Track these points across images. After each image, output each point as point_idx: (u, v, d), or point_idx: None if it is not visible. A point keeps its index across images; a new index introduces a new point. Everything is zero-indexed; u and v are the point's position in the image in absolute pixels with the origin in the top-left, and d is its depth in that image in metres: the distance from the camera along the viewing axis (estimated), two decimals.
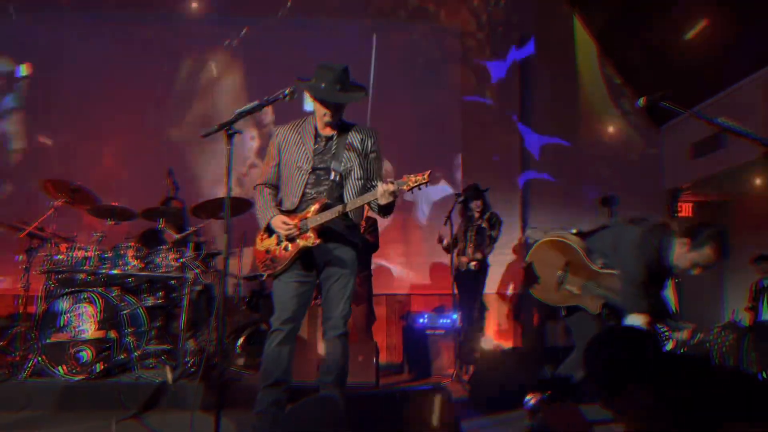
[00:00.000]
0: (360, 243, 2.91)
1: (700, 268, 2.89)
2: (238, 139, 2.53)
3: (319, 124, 2.87)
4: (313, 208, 2.72)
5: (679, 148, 6.63)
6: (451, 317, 5.24)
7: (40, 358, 3.74)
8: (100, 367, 3.74)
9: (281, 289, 2.78)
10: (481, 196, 5.46)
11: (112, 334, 3.82)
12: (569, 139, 6.90)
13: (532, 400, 3.11)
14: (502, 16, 7.03)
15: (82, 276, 4.17)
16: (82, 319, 3.85)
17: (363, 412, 2.36)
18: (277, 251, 2.79)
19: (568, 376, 3.26)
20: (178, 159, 6.22)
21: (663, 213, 6.86)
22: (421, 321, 5.33)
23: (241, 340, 4.48)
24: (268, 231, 2.84)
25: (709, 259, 2.85)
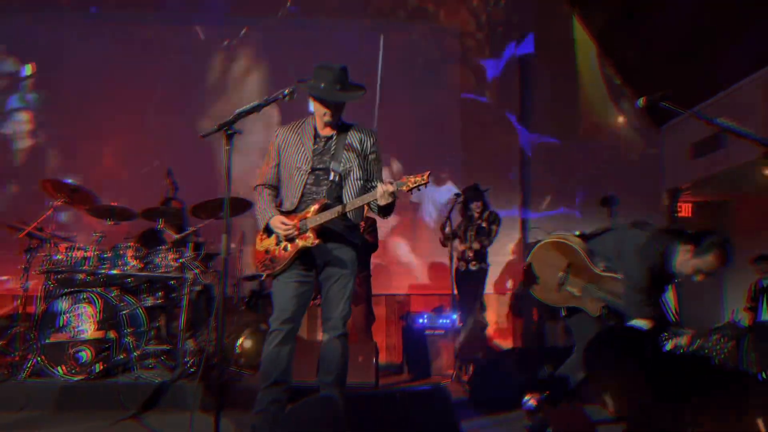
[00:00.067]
0: (359, 243, 2.91)
1: (703, 275, 2.86)
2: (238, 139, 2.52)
3: (319, 124, 2.87)
4: (313, 208, 2.71)
5: (679, 148, 6.63)
6: (451, 317, 5.24)
7: (39, 359, 3.73)
8: (99, 367, 3.74)
9: (280, 289, 2.78)
10: (481, 197, 5.46)
11: (112, 335, 3.82)
12: (569, 139, 6.89)
13: (531, 400, 3.11)
14: (501, 16, 7.03)
15: (81, 276, 4.16)
16: (82, 320, 3.85)
17: (363, 413, 2.36)
18: (276, 251, 2.79)
19: (567, 376, 3.26)
20: (179, 159, 6.16)
21: (663, 213, 6.86)
22: (420, 321, 5.33)
23: (240, 340, 4.48)
24: (267, 231, 2.84)
25: (712, 267, 2.82)
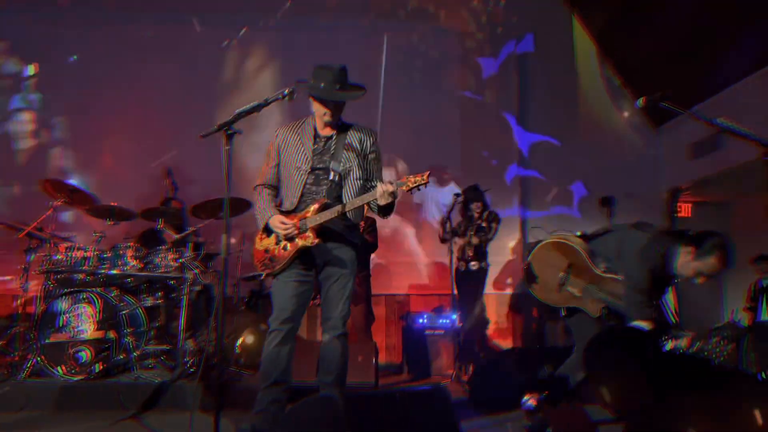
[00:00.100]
0: (359, 243, 2.91)
1: (704, 277, 2.86)
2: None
3: (319, 124, 2.87)
4: (313, 207, 2.72)
5: (678, 149, 6.63)
6: (451, 317, 5.24)
7: (39, 359, 3.73)
8: (99, 367, 3.74)
9: (280, 288, 2.78)
10: (481, 197, 5.46)
11: (111, 335, 3.82)
12: (569, 140, 6.89)
13: (530, 400, 3.11)
14: (501, 17, 7.03)
15: (81, 276, 4.17)
16: (81, 320, 3.85)
17: (362, 413, 2.36)
18: (276, 251, 2.79)
19: (567, 376, 3.26)
20: (184, 159, 6.12)
21: (662, 213, 6.86)
22: (420, 321, 5.33)
23: (240, 341, 4.48)
24: (267, 231, 2.85)
25: (713, 269, 2.81)
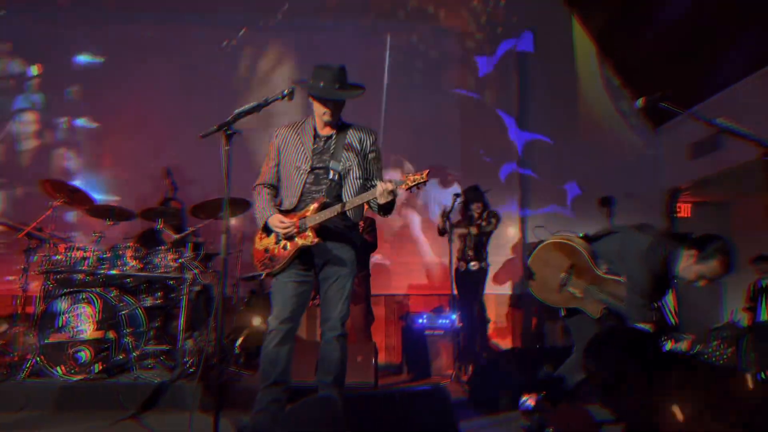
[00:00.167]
0: (359, 243, 2.91)
1: (706, 281, 2.85)
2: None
3: (319, 124, 2.87)
4: (312, 207, 2.72)
5: (677, 149, 6.63)
6: (450, 318, 5.24)
7: (38, 359, 3.73)
8: (98, 367, 3.74)
9: (279, 288, 2.78)
10: (481, 197, 5.46)
11: (111, 335, 3.82)
12: (569, 140, 6.90)
13: (529, 400, 3.10)
14: (501, 17, 7.03)
15: (80, 276, 4.17)
16: (81, 320, 3.84)
17: (362, 413, 2.36)
18: (275, 250, 2.79)
19: (566, 376, 3.26)
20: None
21: (662, 213, 6.86)
22: (420, 321, 5.33)
23: (240, 341, 4.48)
24: (267, 230, 2.85)
25: (715, 272, 2.81)
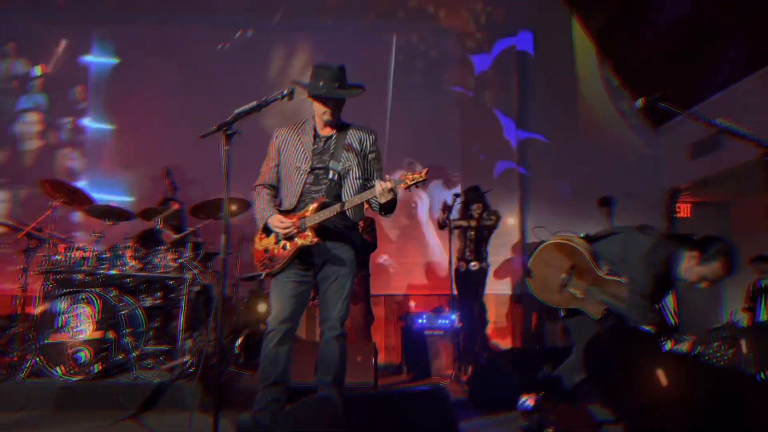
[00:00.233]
0: (358, 242, 2.91)
1: (708, 282, 2.84)
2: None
3: (319, 124, 2.87)
4: (311, 206, 2.72)
5: (677, 149, 6.63)
6: (450, 318, 5.23)
7: (38, 359, 3.73)
8: (98, 367, 3.74)
9: (279, 288, 2.78)
10: (481, 198, 5.46)
11: (110, 335, 3.82)
12: (569, 140, 6.90)
13: (528, 400, 3.10)
14: (501, 17, 7.03)
15: (80, 276, 4.17)
16: (80, 320, 3.84)
17: (361, 413, 2.36)
18: (275, 250, 2.79)
19: (566, 377, 3.25)
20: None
21: (662, 214, 6.87)
22: (419, 321, 5.33)
23: (239, 341, 4.48)
24: (266, 231, 2.85)
25: (717, 274, 2.80)
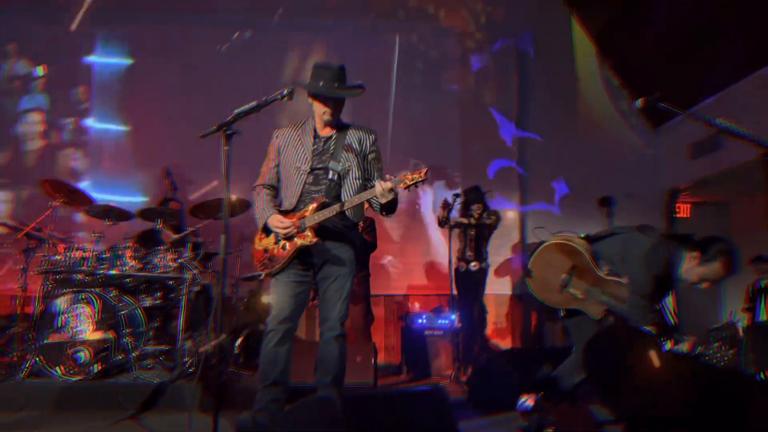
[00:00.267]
0: (358, 243, 2.91)
1: (709, 283, 2.84)
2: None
3: (319, 124, 2.88)
4: (311, 207, 2.72)
5: (677, 149, 6.63)
6: (450, 318, 5.23)
7: (37, 359, 3.73)
8: (97, 367, 3.73)
9: (278, 289, 2.78)
10: (482, 198, 5.46)
11: (110, 335, 3.82)
12: (568, 140, 6.89)
13: (528, 401, 3.10)
14: (501, 17, 7.03)
15: (79, 276, 4.17)
16: (80, 320, 3.84)
17: (361, 413, 2.35)
18: (275, 250, 2.79)
19: (566, 377, 3.25)
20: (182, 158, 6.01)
21: (661, 214, 6.87)
22: (419, 322, 5.32)
23: (239, 341, 4.48)
24: (266, 231, 2.85)
25: (718, 274, 2.80)
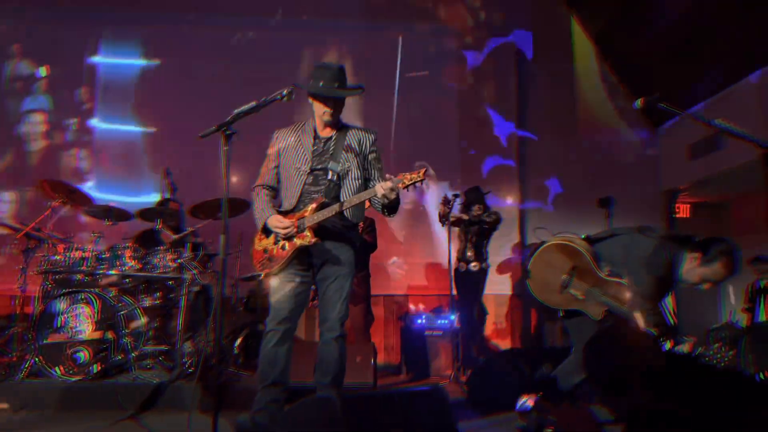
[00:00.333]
0: (358, 243, 2.91)
1: (710, 283, 2.84)
2: None
3: (319, 125, 2.88)
4: (311, 207, 2.73)
5: (676, 150, 6.64)
6: (449, 318, 5.23)
7: (37, 359, 3.73)
8: (97, 367, 3.73)
9: (278, 289, 2.78)
10: (482, 199, 5.45)
11: (110, 335, 3.81)
12: (568, 140, 6.90)
13: (528, 401, 3.10)
14: (501, 17, 7.03)
15: (79, 276, 4.16)
16: (80, 320, 3.84)
17: (360, 413, 2.35)
18: (274, 250, 2.79)
19: (566, 377, 3.25)
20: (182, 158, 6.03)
21: (661, 214, 6.87)
22: (419, 322, 5.32)
23: (238, 341, 4.48)
24: (266, 231, 2.85)
25: (719, 275, 2.80)
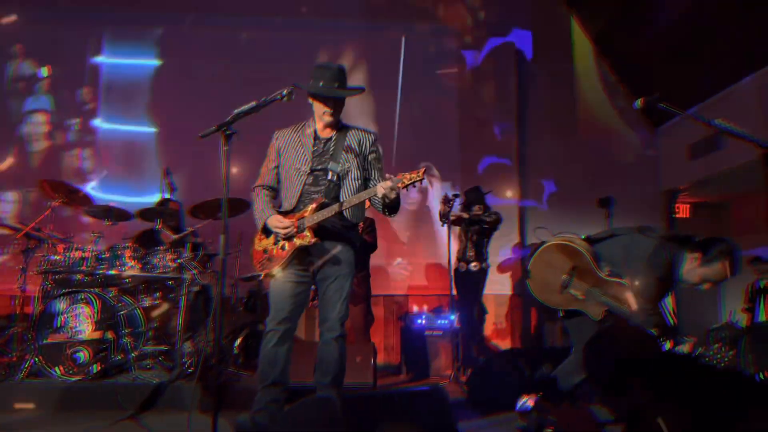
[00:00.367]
0: (358, 243, 2.91)
1: (711, 284, 2.84)
2: None
3: (319, 125, 2.88)
4: (310, 207, 2.73)
5: (676, 150, 6.64)
6: (449, 318, 5.24)
7: (36, 359, 3.73)
8: (97, 367, 3.73)
9: (277, 289, 2.78)
10: (482, 199, 5.45)
11: (109, 335, 3.81)
12: (567, 140, 6.90)
13: (528, 401, 3.10)
14: (500, 17, 7.04)
15: (79, 277, 4.16)
16: (79, 320, 3.84)
17: (360, 413, 2.35)
18: (274, 250, 2.79)
19: (566, 377, 3.25)
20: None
21: (661, 214, 6.87)
22: (419, 322, 5.32)
23: (238, 341, 4.48)
24: (266, 232, 2.85)
25: (720, 275, 2.80)
